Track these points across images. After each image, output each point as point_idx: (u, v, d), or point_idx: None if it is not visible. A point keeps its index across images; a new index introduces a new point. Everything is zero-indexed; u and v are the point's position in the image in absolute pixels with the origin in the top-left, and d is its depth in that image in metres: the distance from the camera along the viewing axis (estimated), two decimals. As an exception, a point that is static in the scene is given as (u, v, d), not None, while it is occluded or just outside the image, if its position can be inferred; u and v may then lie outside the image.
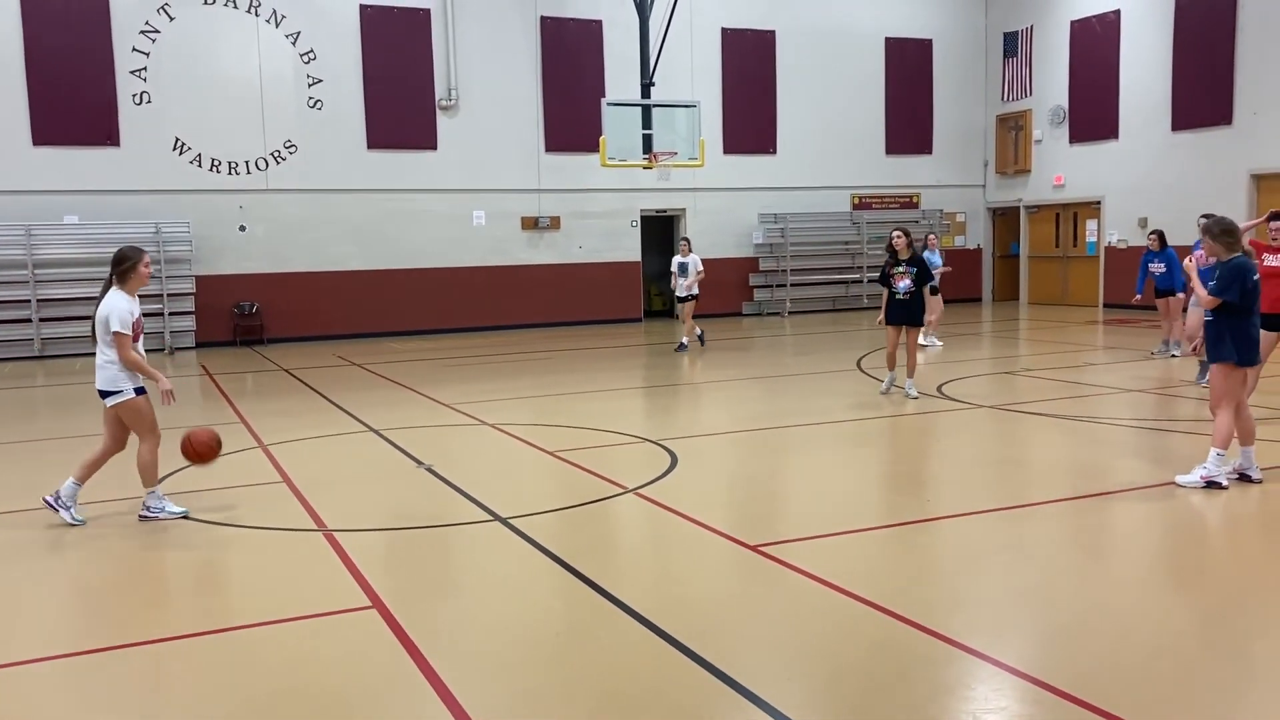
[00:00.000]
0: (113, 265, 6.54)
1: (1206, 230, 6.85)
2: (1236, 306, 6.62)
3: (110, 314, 6.34)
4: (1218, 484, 6.61)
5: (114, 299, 6.41)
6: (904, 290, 10.43)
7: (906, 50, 23.20)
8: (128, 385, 6.44)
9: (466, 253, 20.01)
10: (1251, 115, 18.43)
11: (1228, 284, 6.61)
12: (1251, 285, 6.63)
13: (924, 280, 10.45)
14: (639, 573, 5.58)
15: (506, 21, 19.96)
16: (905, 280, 10.41)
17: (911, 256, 10.52)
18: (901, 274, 10.45)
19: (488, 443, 9.11)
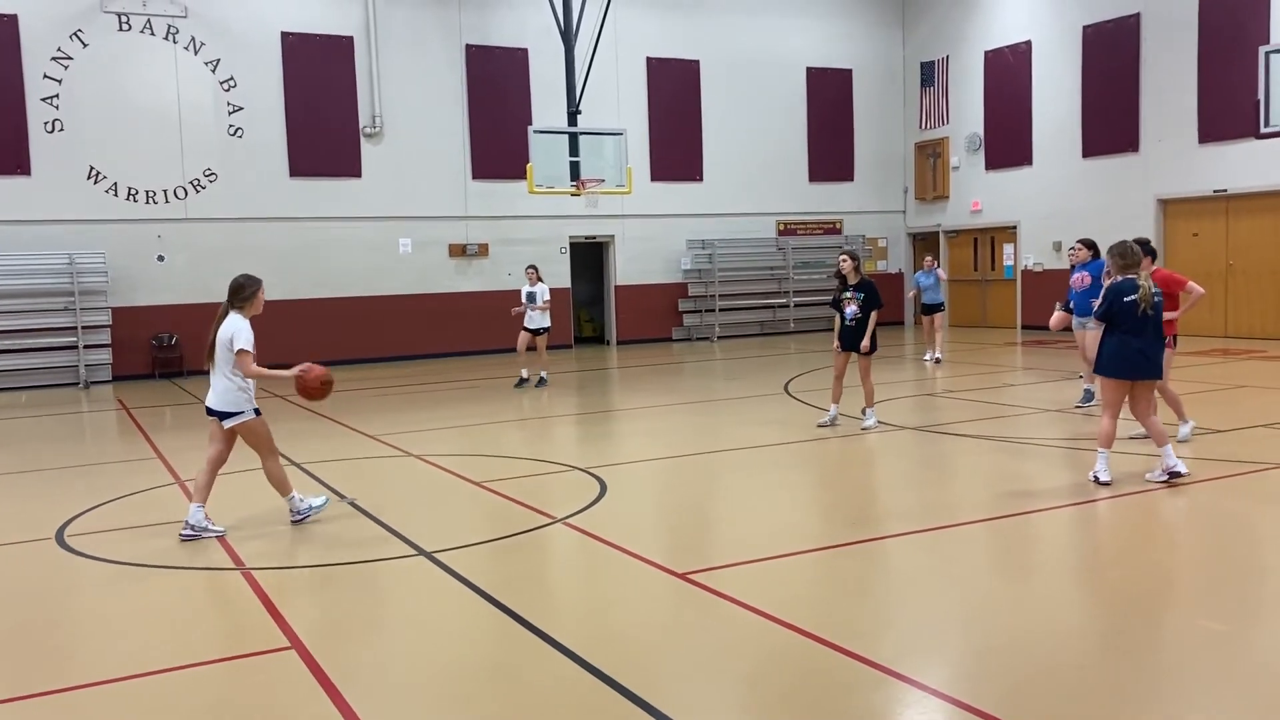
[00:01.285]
0: (231, 294, 7.01)
1: (1109, 250, 7.50)
2: (1106, 323, 7.35)
3: (235, 334, 6.78)
4: (1101, 479, 7.36)
5: (236, 320, 6.89)
6: (850, 316, 10.18)
7: (827, 80, 23.66)
8: (248, 407, 6.90)
9: (392, 281, 19.79)
10: (1157, 143, 19.14)
11: (1100, 301, 7.43)
12: (1119, 306, 7.24)
13: (871, 305, 10.20)
14: (567, 605, 5.53)
15: (431, 49, 19.90)
16: (852, 306, 10.14)
17: (859, 281, 10.27)
18: (849, 299, 10.18)
19: (413, 475, 8.98)
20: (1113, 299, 7.27)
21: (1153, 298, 7.24)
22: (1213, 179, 18.25)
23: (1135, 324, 7.20)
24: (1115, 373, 7.35)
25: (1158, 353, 7.36)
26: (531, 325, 14.88)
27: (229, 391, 6.85)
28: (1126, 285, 7.27)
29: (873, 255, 24.44)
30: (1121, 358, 7.28)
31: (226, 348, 6.80)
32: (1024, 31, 21.57)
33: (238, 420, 6.91)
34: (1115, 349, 7.30)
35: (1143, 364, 7.27)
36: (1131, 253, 7.39)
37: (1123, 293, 7.25)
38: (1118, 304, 7.23)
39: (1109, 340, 7.35)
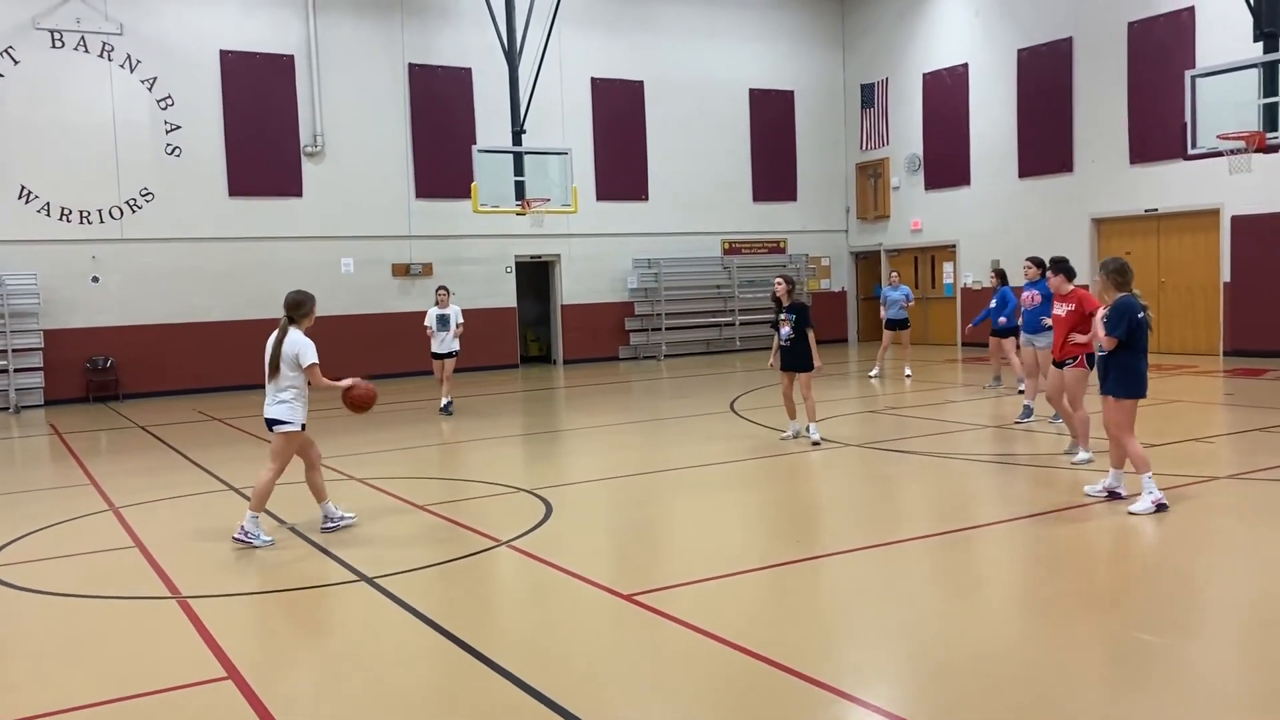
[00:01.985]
0: (289, 308, 7.18)
1: (1103, 266, 7.30)
2: (1124, 343, 7.04)
3: (301, 349, 7.02)
4: (1164, 504, 7.01)
5: (298, 336, 7.09)
6: (785, 337, 10.44)
7: (770, 101, 23.94)
8: (298, 421, 7.15)
9: (335, 301, 19.52)
10: (1090, 163, 19.63)
11: (1115, 321, 7.06)
12: (1137, 323, 7.05)
13: (803, 326, 10.42)
14: (511, 629, 5.48)
15: (373, 68, 19.79)
16: (786, 327, 10.42)
17: (793, 303, 10.49)
18: (783, 320, 10.47)
19: (355, 498, 8.83)
20: (1131, 316, 7.05)
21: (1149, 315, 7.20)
22: (1144, 199, 18.75)
23: (1146, 341, 7.13)
24: (1142, 392, 7.16)
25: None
26: (442, 350, 13.94)
27: (286, 403, 7.11)
28: (1137, 302, 7.12)
29: (816, 274, 24.71)
30: (1143, 377, 7.15)
31: (292, 363, 7.05)
32: (961, 54, 22.03)
33: (285, 429, 7.14)
34: (1140, 368, 7.13)
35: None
36: (1129, 270, 7.24)
37: (1137, 309, 7.09)
38: (1135, 321, 7.06)
39: (1131, 359, 7.10)
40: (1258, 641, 4.87)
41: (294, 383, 7.09)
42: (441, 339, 13.86)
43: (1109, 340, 7.06)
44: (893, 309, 16.47)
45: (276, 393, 7.13)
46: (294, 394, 7.10)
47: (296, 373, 7.08)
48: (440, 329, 13.86)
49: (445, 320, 13.88)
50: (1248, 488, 7.95)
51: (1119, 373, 7.13)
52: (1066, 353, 8.83)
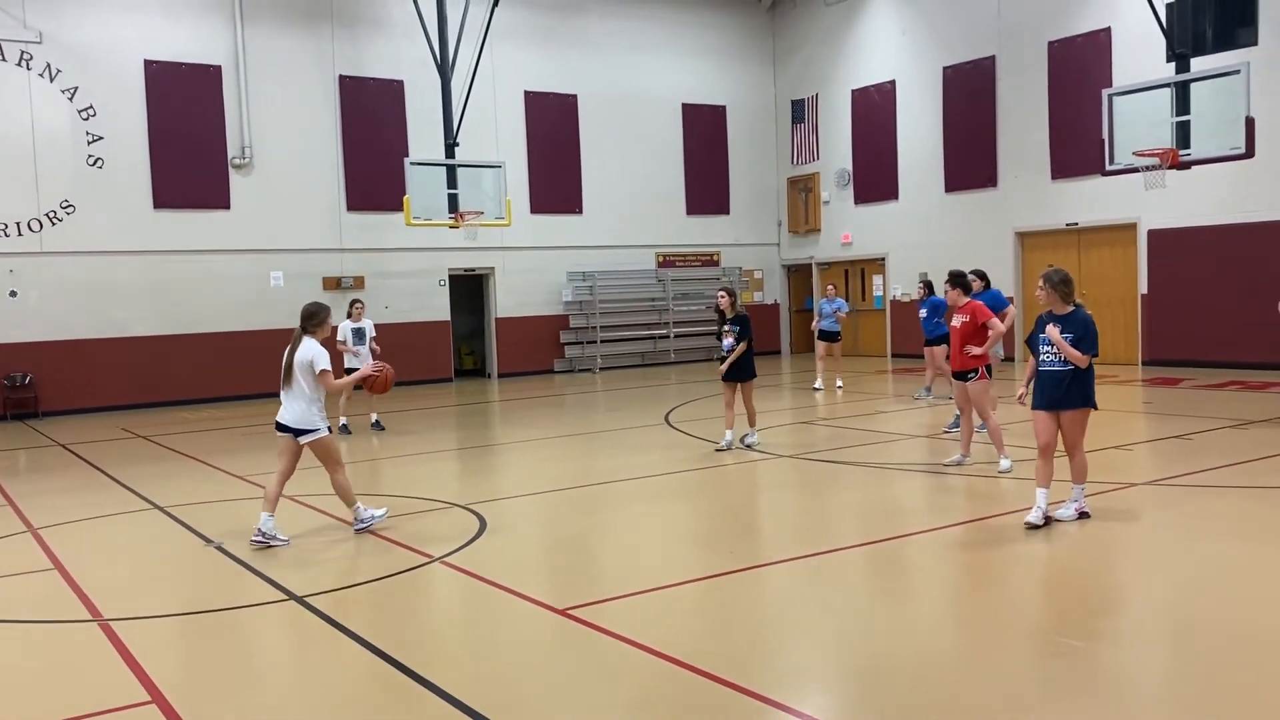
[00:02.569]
0: (305, 319, 7.50)
1: (1047, 279, 7.13)
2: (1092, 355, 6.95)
3: (315, 356, 7.32)
4: (1086, 513, 7.13)
5: (312, 344, 7.40)
6: (728, 348, 10.74)
7: (702, 115, 24.15)
8: (322, 425, 7.41)
9: (265, 315, 19.22)
10: (1013, 179, 20.14)
11: (1094, 340, 6.95)
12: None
13: (745, 337, 10.73)
14: (445, 647, 5.44)
15: (303, 79, 19.55)
16: (729, 339, 10.74)
17: (736, 315, 10.78)
18: (726, 332, 10.79)
19: (285, 516, 8.68)
20: (1094, 329, 7.01)
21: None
22: (1065, 213, 19.29)
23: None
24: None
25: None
26: (358, 365, 13.18)
27: (306, 411, 7.36)
28: (1088, 314, 7.11)
29: (749, 287, 24.94)
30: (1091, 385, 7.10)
31: (306, 370, 7.31)
32: (888, 71, 22.46)
33: (313, 437, 7.39)
34: (1093, 380, 7.09)
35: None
36: (1072, 280, 7.17)
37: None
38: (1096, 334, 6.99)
39: (1091, 374, 7.06)
40: (1177, 643, 5.03)
41: (310, 389, 7.35)
42: (359, 354, 13.28)
43: (1085, 359, 6.92)
44: (825, 320, 16.65)
45: (291, 400, 7.38)
46: (311, 401, 7.37)
47: (312, 379, 7.34)
48: (356, 343, 13.33)
49: (361, 334, 13.40)
50: (1165, 494, 8.21)
51: (1082, 386, 7.00)
52: (965, 364, 9.06)
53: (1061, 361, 6.98)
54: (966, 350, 9.04)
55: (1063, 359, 6.96)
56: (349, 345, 13.25)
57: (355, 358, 13.22)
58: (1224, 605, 5.46)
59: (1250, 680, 4.43)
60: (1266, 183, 16.15)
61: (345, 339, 13.26)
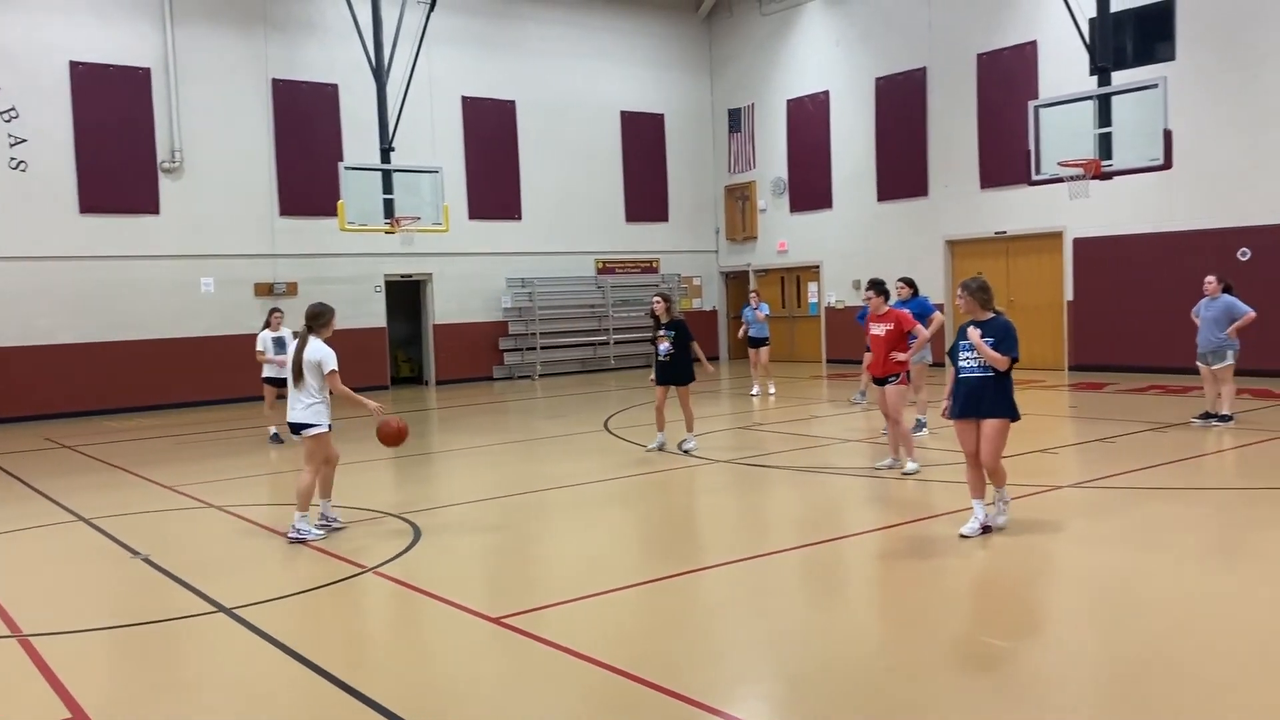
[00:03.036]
0: (310, 319, 7.82)
1: (964, 287, 7.09)
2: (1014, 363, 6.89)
3: (323, 357, 7.61)
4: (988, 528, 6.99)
5: (319, 344, 7.68)
6: (664, 352, 10.96)
7: (641, 123, 24.27)
8: (325, 422, 7.73)
9: (195, 322, 18.87)
10: (943, 188, 20.56)
11: (1014, 342, 6.90)
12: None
13: (685, 340, 10.94)
14: (378, 658, 5.39)
15: (235, 83, 19.24)
16: (665, 343, 10.94)
17: (671, 320, 10.99)
18: (662, 337, 10.98)
19: (213, 526, 8.56)
20: (1014, 333, 6.95)
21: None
22: (993, 222, 19.73)
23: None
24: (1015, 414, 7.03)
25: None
26: (282, 374, 12.57)
27: (312, 407, 7.65)
28: (1009, 320, 7.04)
29: (688, 293, 25.09)
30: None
31: (314, 370, 7.61)
32: (822, 82, 22.78)
33: (314, 431, 7.66)
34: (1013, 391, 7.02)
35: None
36: (990, 287, 7.14)
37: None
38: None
39: (1010, 380, 6.99)
40: (1099, 642, 5.17)
41: (318, 388, 7.64)
42: (282, 364, 12.65)
43: (1006, 361, 6.83)
44: (754, 328, 16.74)
45: (300, 398, 7.66)
46: (318, 398, 7.64)
47: (319, 379, 7.64)
48: (276, 352, 12.96)
49: (281, 343, 13.01)
50: (1089, 495, 8.44)
51: (1003, 394, 6.94)
52: (888, 370, 9.29)
53: (982, 368, 6.94)
54: (892, 356, 9.24)
55: (983, 365, 6.92)
56: (268, 355, 13.03)
57: (279, 368, 12.80)
58: (1144, 605, 5.64)
59: (1166, 673, 4.59)
60: (1185, 193, 16.70)
61: (264, 348, 13.10)
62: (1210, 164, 16.36)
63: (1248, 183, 16.20)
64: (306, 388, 7.65)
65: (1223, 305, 11.51)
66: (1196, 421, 11.70)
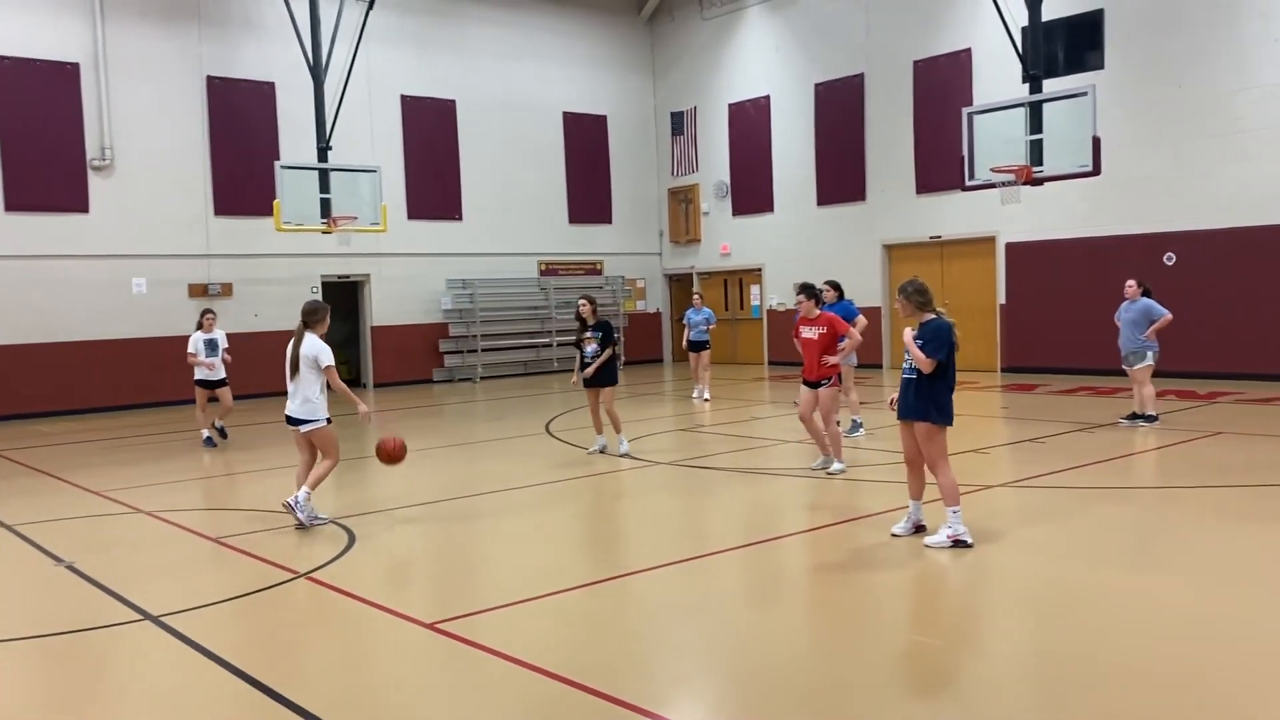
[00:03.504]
0: (306, 315, 8.14)
1: (901, 290, 7.01)
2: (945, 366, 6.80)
3: (319, 352, 7.92)
4: (963, 542, 6.76)
5: (315, 340, 7.96)
6: (590, 354, 10.98)
7: (584, 125, 24.25)
8: (323, 416, 7.98)
9: (126, 323, 18.45)
10: (881, 193, 20.85)
11: (939, 345, 6.79)
12: (951, 345, 6.79)
13: (607, 344, 10.98)
14: (310, 666, 5.32)
15: (168, 79, 18.85)
16: (592, 345, 10.97)
17: (597, 322, 11.03)
18: (588, 339, 11.01)
19: (142, 532, 8.37)
20: (949, 341, 6.78)
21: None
22: (928, 226, 20.06)
23: (954, 365, 6.88)
24: (953, 418, 6.94)
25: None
26: (215, 376, 13.02)
27: (309, 402, 7.90)
28: (950, 325, 6.86)
29: (632, 295, 25.13)
30: (951, 402, 6.92)
31: (311, 364, 7.85)
32: (763, 86, 22.97)
33: (313, 427, 7.93)
34: (951, 395, 6.89)
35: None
36: (928, 290, 7.02)
37: (950, 333, 6.82)
38: (951, 344, 6.79)
39: (944, 384, 6.86)
40: (1029, 638, 5.29)
41: (314, 382, 7.90)
42: (212, 366, 12.93)
43: (929, 363, 6.75)
44: (694, 331, 16.68)
45: (298, 392, 7.91)
46: (314, 392, 7.91)
47: (316, 373, 7.90)
48: (209, 354, 12.94)
49: (214, 345, 13.03)
50: (1021, 494, 8.62)
51: (934, 397, 6.85)
52: (821, 374, 9.40)
53: (913, 369, 6.94)
54: (824, 360, 9.34)
55: (913, 366, 6.93)
56: (200, 357, 12.93)
57: (208, 370, 12.92)
58: (1071, 601, 5.77)
59: (1094, 667, 4.70)
60: (1112, 199, 17.13)
61: (196, 350, 12.97)
62: (1136, 171, 16.81)
63: (1172, 189, 16.67)
64: (304, 382, 7.86)
65: (1141, 308, 11.83)
66: (1124, 422, 12.01)
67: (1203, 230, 16.38)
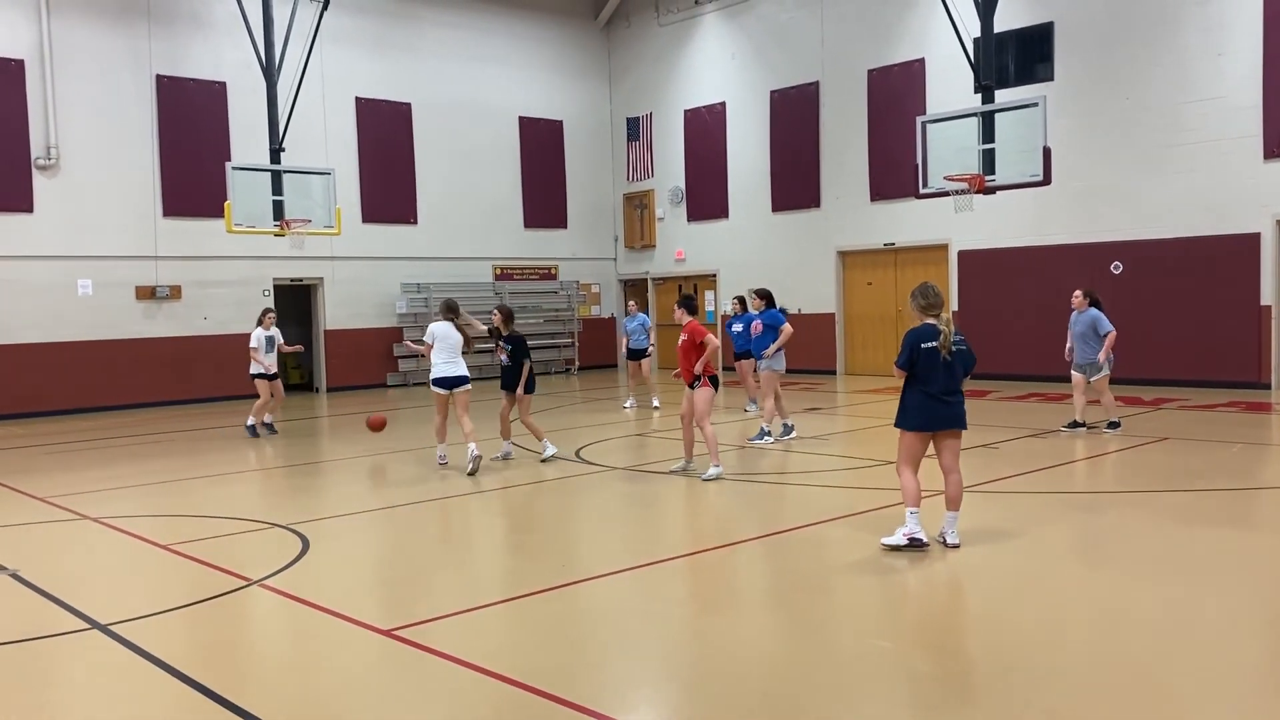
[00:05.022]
0: (448, 309, 11.06)
1: (910, 296, 7.05)
2: (909, 373, 6.85)
3: (450, 332, 10.90)
4: (919, 540, 6.78)
5: (446, 326, 10.87)
6: (504, 363, 11.53)
7: (540, 129, 24.21)
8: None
9: (70, 326, 18.07)
10: (835, 200, 21.04)
11: (901, 351, 6.83)
12: (919, 353, 6.77)
13: (520, 357, 11.41)
14: (263, 674, 5.24)
15: (116, 78, 18.51)
16: (503, 355, 11.52)
17: (510, 334, 11.44)
18: (500, 348, 11.51)
19: (88, 539, 8.19)
20: (913, 346, 6.78)
21: (952, 345, 6.79)
22: (882, 233, 20.27)
23: (936, 372, 6.78)
24: (919, 425, 6.86)
25: (960, 402, 6.89)
26: (270, 371, 14.32)
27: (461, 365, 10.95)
28: (926, 331, 6.80)
29: (587, 301, 25.11)
30: (924, 409, 6.82)
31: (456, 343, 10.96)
32: (719, 93, 23.09)
33: (466, 386, 11.03)
34: (917, 400, 6.83)
35: (946, 414, 6.84)
36: (933, 293, 6.95)
37: (922, 338, 6.78)
38: (918, 351, 6.77)
39: (910, 392, 6.87)
40: (980, 643, 5.35)
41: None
42: (272, 361, 14.31)
43: (897, 371, 6.90)
44: (633, 339, 16.31)
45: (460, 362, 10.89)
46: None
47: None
48: (268, 350, 14.23)
49: (272, 342, 14.29)
50: (971, 500, 8.71)
51: (900, 402, 6.97)
52: (689, 377, 9.91)
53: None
54: (698, 367, 9.88)
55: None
56: (261, 353, 14.13)
57: (265, 367, 14.16)
58: (1027, 603, 5.85)
59: (1044, 664, 4.76)
60: (1062, 208, 17.44)
61: (259, 345, 14.15)
62: (1085, 180, 17.13)
63: (1120, 198, 17.01)
64: (455, 355, 10.68)
65: (1089, 319, 12.06)
66: (1064, 430, 12.15)
67: (1149, 239, 16.73)
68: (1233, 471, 9.77)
